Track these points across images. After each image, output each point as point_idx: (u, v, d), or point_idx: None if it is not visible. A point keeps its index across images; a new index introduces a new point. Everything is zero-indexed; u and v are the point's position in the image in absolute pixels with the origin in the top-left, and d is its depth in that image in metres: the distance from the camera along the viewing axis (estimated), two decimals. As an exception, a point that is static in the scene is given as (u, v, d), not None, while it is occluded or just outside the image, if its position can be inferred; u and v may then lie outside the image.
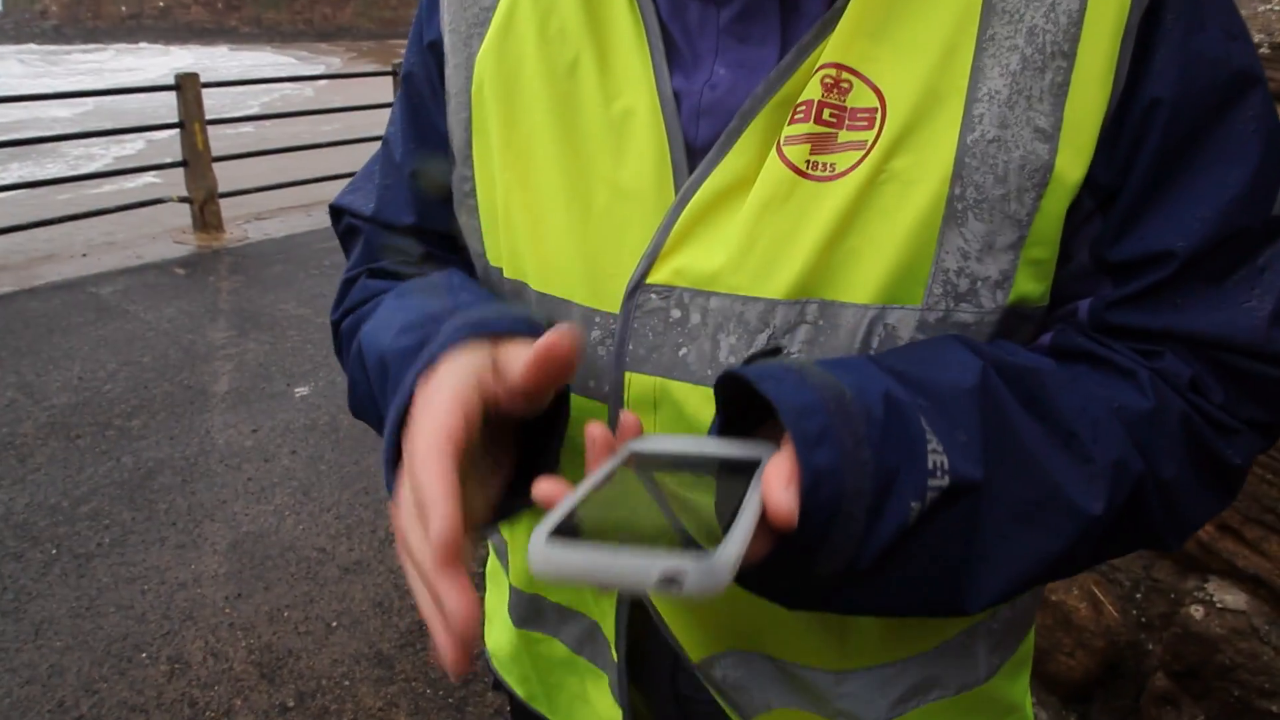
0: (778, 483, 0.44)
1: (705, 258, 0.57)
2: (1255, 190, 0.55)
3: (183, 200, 6.92)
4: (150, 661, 2.47)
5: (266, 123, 10.84)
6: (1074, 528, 0.52)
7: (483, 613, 0.45)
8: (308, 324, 4.92)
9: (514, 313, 0.57)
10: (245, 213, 7.49)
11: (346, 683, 2.41)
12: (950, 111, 0.54)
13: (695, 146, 0.59)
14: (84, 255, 6.40)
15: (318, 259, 6.18)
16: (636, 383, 0.59)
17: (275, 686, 2.39)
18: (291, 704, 2.34)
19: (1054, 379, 0.54)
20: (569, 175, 0.61)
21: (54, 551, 2.93)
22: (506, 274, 0.66)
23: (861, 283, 0.55)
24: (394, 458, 0.52)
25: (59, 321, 4.99)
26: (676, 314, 0.58)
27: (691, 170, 0.58)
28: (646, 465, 0.49)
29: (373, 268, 0.76)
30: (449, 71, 0.68)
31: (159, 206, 7.03)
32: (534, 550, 0.38)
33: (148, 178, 9.25)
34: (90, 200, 7.99)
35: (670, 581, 0.35)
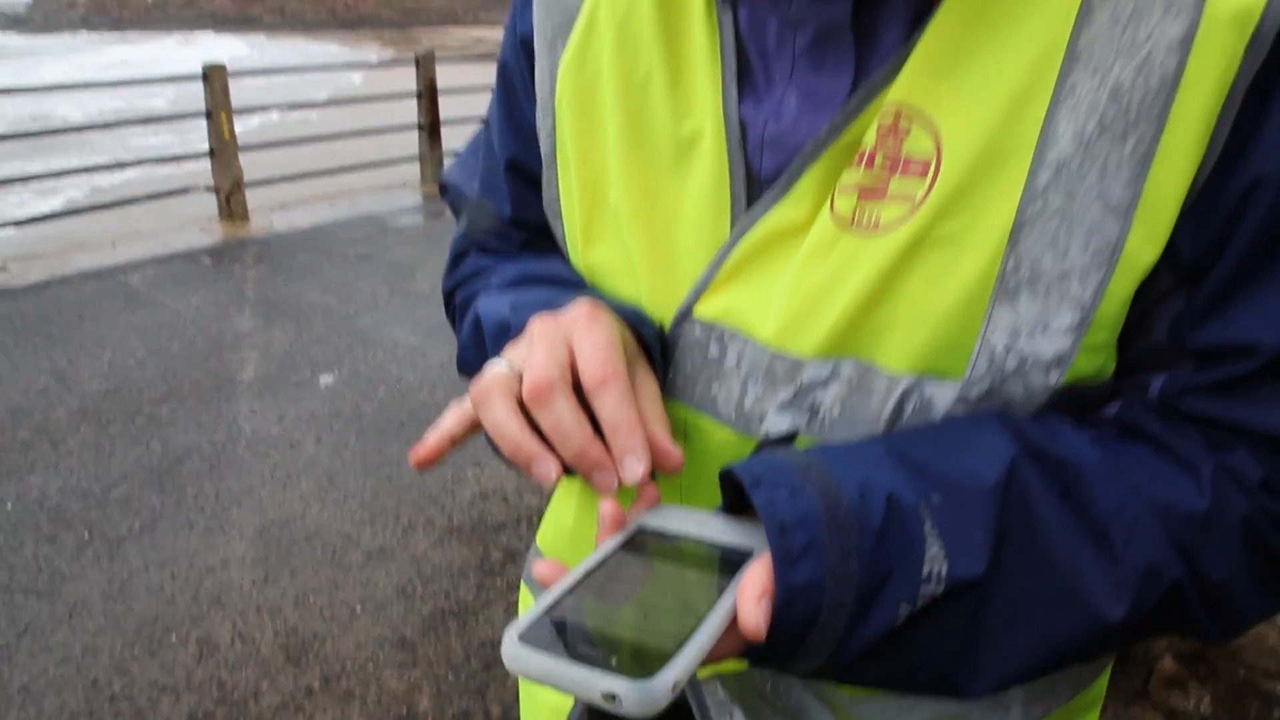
0: (750, 595, 0.44)
1: (748, 301, 0.57)
2: None
3: (209, 190, 7.00)
4: (180, 643, 2.54)
5: (295, 114, 10.92)
6: (1090, 629, 0.49)
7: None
8: (332, 313, 4.98)
9: (626, 305, 0.60)
10: (271, 203, 7.56)
11: (370, 666, 2.46)
12: (1012, 174, 0.49)
13: (759, 178, 0.58)
14: (114, 244, 6.49)
15: (342, 249, 6.24)
16: (669, 410, 0.58)
17: (301, 669, 2.45)
18: (317, 686, 2.39)
19: (1096, 471, 0.50)
20: (637, 194, 0.61)
21: (86, 535, 3.00)
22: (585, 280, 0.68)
23: (899, 350, 0.52)
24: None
25: (90, 309, 5.08)
26: (714, 351, 0.58)
27: (750, 203, 0.58)
28: (647, 546, 0.51)
29: (481, 245, 0.79)
30: (537, 72, 0.68)
31: (186, 196, 7.12)
32: (507, 644, 0.42)
33: (174, 168, 9.35)
34: (120, 190, 8.11)
35: (612, 698, 0.39)
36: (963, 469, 0.48)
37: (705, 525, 0.52)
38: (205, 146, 6.94)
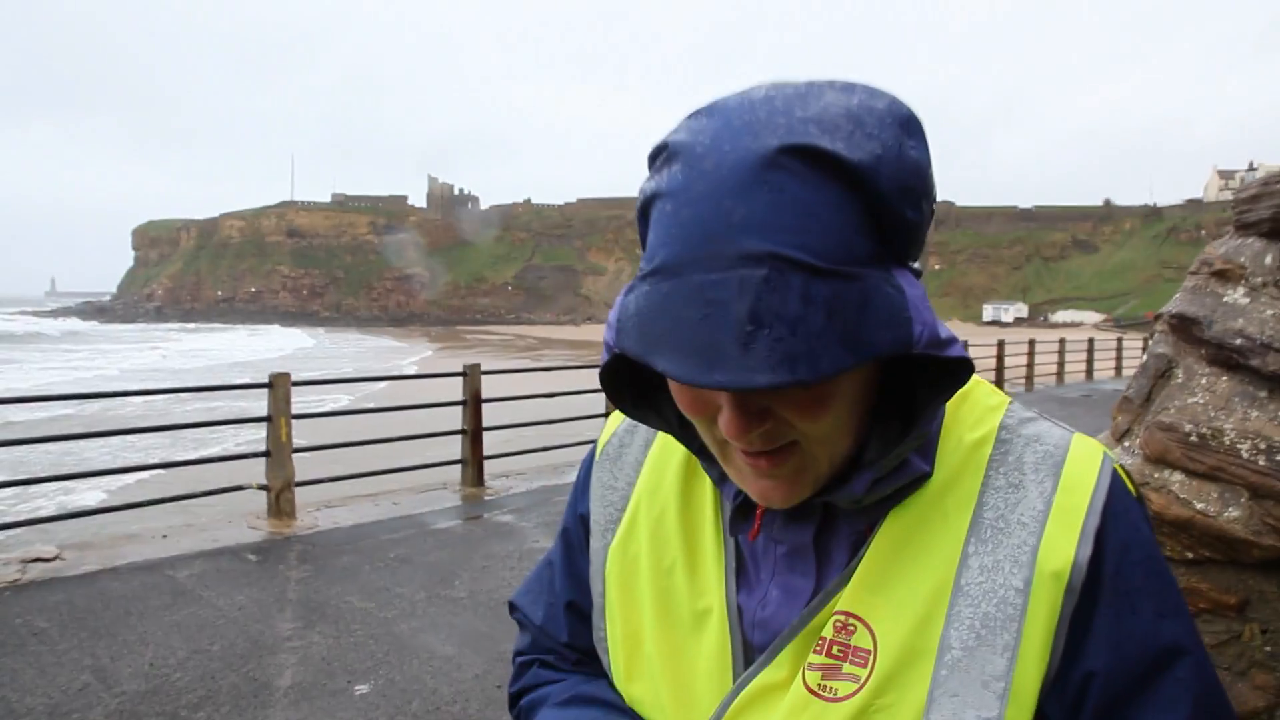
0: None
1: None
2: None
3: (261, 488, 7.36)
4: None
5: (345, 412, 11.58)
6: None
7: None
8: (371, 618, 5.10)
9: None
10: (316, 499, 7.89)
11: None
12: (922, 667, 0.72)
13: (751, 646, 0.80)
14: (164, 537, 6.76)
15: (383, 551, 6.45)
16: None
17: None
18: None
19: None
20: (665, 649, 0.84)
21: None
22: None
23: None
24: None
25: (136, 604, 5.24)
26: None
27: (747, 665, 0.79)
28: None
29: (541, 659, 1.01)
30: (592, 547, 0.94)
31: (235, 490, 7.49)
32: None
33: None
34: (177, 477, 8.53)
35: None
36: None
37: None
38: (257, 434, 7.38)
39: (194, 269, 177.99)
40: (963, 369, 0.70)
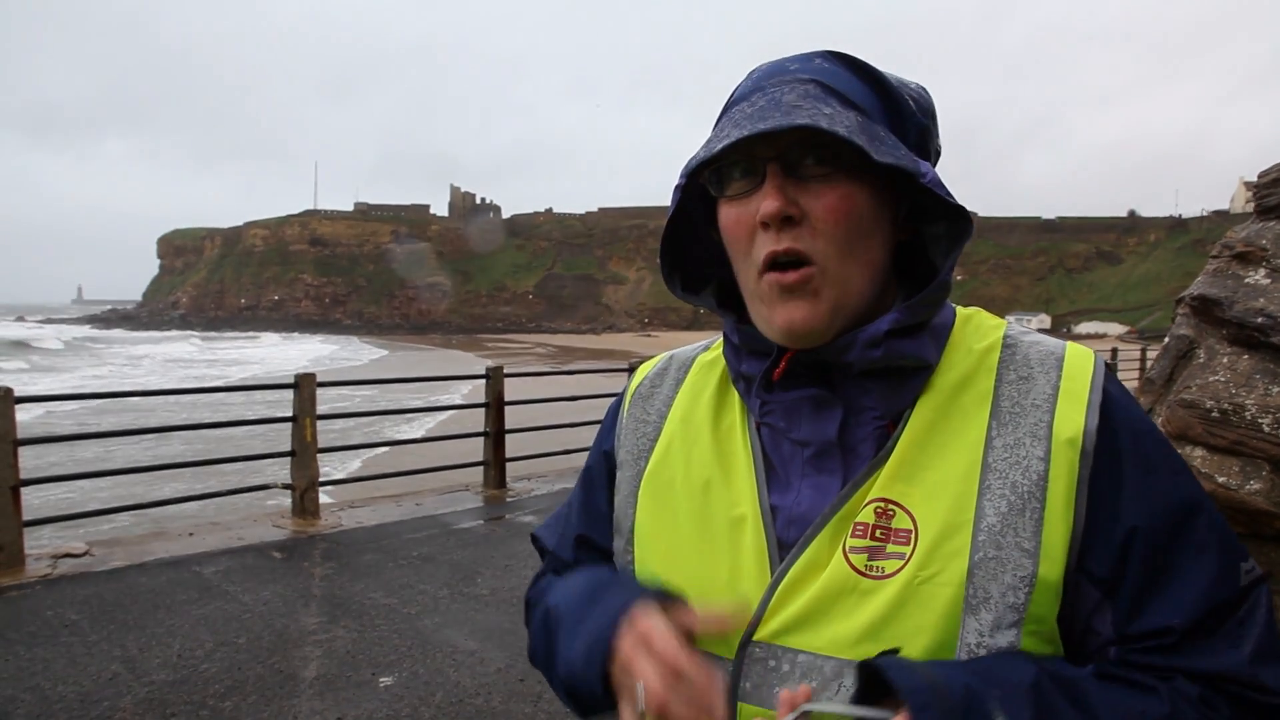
0: None
1: (793, 625, 0.83)
2: (1223, 574, 0.81)
3: (286, 487, 7.44)
4: None
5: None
6: None
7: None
8: (395, 614, 5.15)
9: (661, 589, 0.88)
10: (339, 500, 7.96)
11: None
12: (961, 538, 0.80)
13: (786, 543, 0.87)
14: (190, 534, 6.84)
15: (406, 549, 6.50)
16: (745, 711, 0.84)
17: None
18: None
19: (1093, 685, 0.77)
20: (703, 560, 0.90)
21: (143, 832, 3.04)
22: None
23: (909, 652, 0.78)
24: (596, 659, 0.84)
25: (164, 598, 5.32)
26: (773, 663, 0.83)
27: (782, 560, 0.86)
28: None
29: (555, 570, 1.10)
30: (619, 477, 1.02)
31: (260, 489, 7.58)
32: None
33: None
34: (201, 481, 8.62)
35: None
36: (1009, 677, 0.75)
37: (852, 710, 0.75)
38: (282, 434, 7.47)
39: (218, 277, 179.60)
40: (965, 219, 0.86)
